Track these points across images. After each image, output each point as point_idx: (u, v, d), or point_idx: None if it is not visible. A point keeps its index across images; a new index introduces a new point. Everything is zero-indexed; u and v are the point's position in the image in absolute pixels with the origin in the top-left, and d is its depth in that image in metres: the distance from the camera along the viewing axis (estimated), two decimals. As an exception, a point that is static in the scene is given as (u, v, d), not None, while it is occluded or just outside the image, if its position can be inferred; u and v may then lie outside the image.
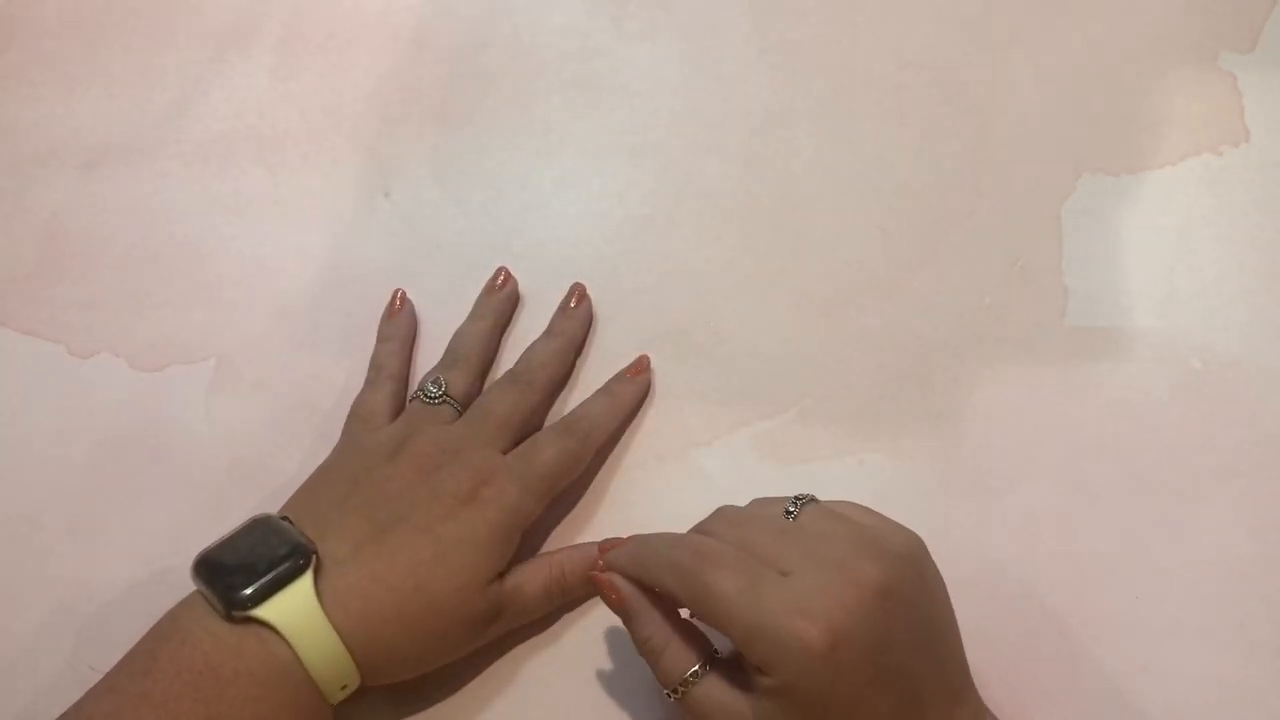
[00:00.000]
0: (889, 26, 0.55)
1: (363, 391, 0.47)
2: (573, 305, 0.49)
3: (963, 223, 0.51)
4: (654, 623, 0.38)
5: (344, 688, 0.38)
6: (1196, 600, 0.42)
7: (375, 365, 0.48)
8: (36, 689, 0.43)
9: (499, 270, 0.50)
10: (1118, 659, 0.42)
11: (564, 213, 0.52)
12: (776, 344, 0.49)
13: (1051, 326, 0.48)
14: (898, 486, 0.45)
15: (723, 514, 0.39)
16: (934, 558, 0.37)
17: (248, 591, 0.37)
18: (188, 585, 0.38)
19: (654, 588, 0.38)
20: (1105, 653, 0.42)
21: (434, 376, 0.46)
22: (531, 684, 0.42)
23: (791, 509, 0.38)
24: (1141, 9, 0.55)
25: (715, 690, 0.36)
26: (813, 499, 0.39)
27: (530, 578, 0.42)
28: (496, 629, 0.41)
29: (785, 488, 0.45)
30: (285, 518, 0.40)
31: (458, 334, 0.48)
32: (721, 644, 0.37)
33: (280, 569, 0.37)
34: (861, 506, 0.39)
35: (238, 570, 0.37)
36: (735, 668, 0.37)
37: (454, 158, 0.54)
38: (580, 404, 0.46)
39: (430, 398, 0.45)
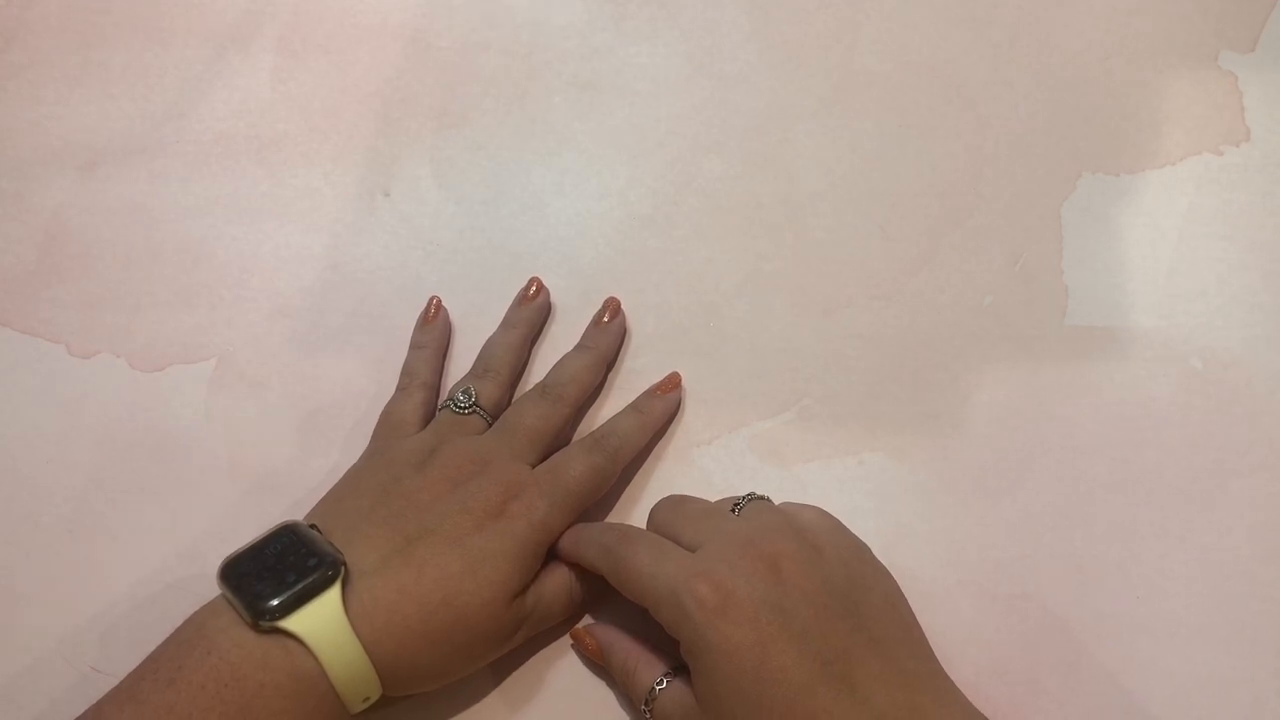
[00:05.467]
0: (889, 26, 0.55)
1: (394, 398, 0.47)
2: (606, 319, 0.49)
3: (963, 223, 0.51)
4: (624, 650, 0.41)
5: (366, 699, 0.38)
6: (1196, 600, 0.42)
7: (407, 372, 0.48)
8: (36, 689, 0.43)
9: (531, 281, 0.50)
10: (1118, 659, 0.42)
11: (564, 213, 0.52)
12: (776, 344, 0.49)
13: (1051, 326, 0.48)
14: (897, 486, 0.45)
15: (667, 500, 0.43)
16: (933, 558, 0.37)
17: (275, 602, 0.36)
18: (188, 585, 0.38)
19: (586, 566, 0.41)
20: (1105, 653, 0.42)
21: (464, 386, 0.45)
22: (532, 683, 0.42)
23: (740, 503, 0.41)
24: (1141, 9, 0.55)
25: (675, 693, 0.38)
26: (762, 497, 0.41)
27: (551, 586, 0.41)
28: (518, 639, 0.41)
29: (785, 487, 0.45)
30: (313, 526, 0.40)
31: (488, 344, 0.48)
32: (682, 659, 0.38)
33: (308, 580, 0.37)
34: (817, 509, 0.41)
35: (265, 579, 0.37)
36: (688, 671, 0.37)
37: (454, 158, 0.54)
38: (609, 419, 0.46)
39: (460, 407, 0.45)
